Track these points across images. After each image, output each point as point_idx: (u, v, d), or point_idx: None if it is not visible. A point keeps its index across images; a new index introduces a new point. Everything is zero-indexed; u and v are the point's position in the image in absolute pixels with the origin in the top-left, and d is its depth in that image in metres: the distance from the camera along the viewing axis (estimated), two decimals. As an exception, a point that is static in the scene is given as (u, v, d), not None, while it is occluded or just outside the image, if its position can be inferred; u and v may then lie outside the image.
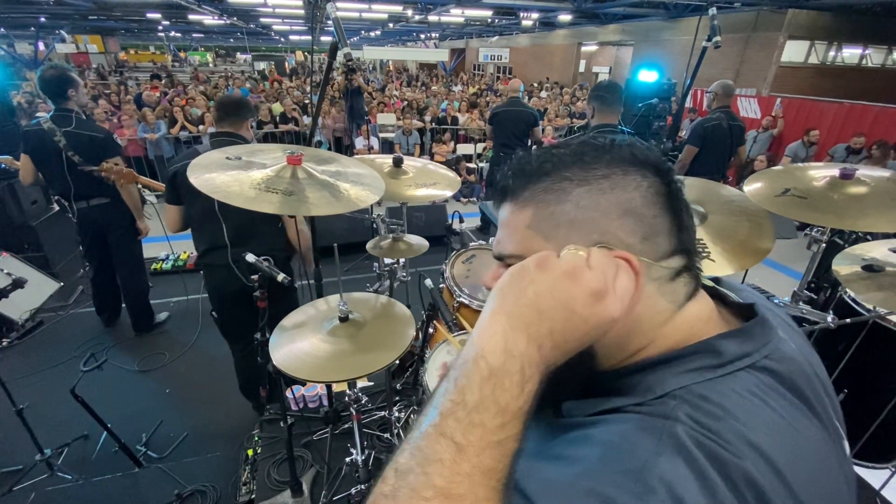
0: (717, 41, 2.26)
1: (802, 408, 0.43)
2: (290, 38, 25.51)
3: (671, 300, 0.47)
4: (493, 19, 15.14)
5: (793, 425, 0.41)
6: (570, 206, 0.47)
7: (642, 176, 0.47)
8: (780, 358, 0.45)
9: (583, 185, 0.47)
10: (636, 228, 0.46)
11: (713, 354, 0.44)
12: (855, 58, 12.14)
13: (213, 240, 1.93)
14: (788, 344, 0.47)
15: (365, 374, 1.23)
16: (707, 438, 0.37)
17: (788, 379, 0.44)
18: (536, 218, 0.48)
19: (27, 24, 15.22)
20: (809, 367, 0.48)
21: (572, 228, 0.46)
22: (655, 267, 0.46)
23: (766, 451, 0.37)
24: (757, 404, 0.40)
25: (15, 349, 3.02)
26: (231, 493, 1.91)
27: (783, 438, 0.39)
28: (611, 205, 0.46)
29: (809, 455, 0.41)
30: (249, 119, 2.07)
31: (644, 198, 0.47)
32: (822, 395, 0.47)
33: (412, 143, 7.46)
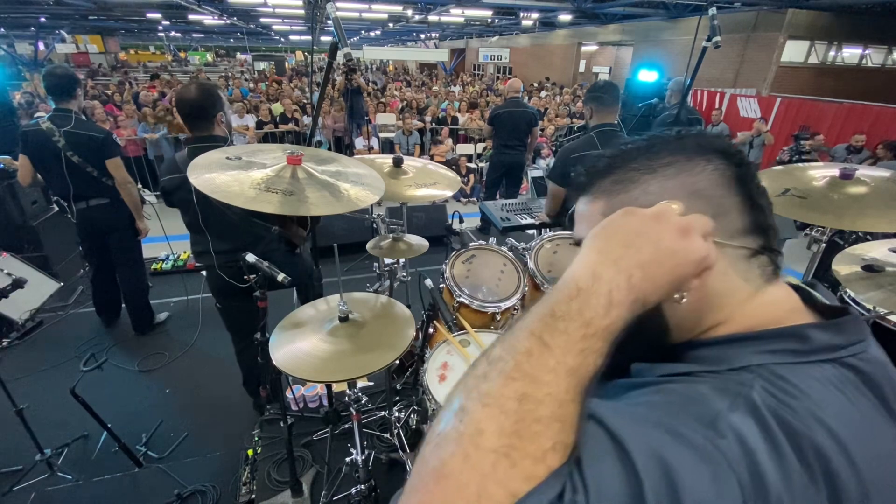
0: (716, 41, 2.26)
1: (883, 411, 0.42)
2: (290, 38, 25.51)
3: (746, 279, 0.48)
4: (493, 19, 15.14)
5: (869, 421, 0.41)
6: (638, 193, 0.50)
7: (707, 161, 0.49)
8: (868, 359, 0.44)
9: (649, 173, 0.51)
10: (704, 209, 0.46)
11: (799, 340, 0.44)
12: (855, 58, 12.14)
13: (204, 246, 1.95)
14: (878, 348, 0.46)
15: (365, 374, 1.23)
16: (780, 408, 0.38)
17: (874, 381, 0.43)
18: (609, 206, 0.51)
19: (27, 24, 15.22)
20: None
21: (630, 198, 0.50)
22: (728, 245, 0.47)
23: (837, 432, 0.37)
24: (835, 394, 0.40)
25: (15, 349, 3.02)
26: (231, 493, 1.91)
27: (856, 428, 0.39)
28: (677, 188, 0.49)
29: (881, 450, 0.40)
30: (218, 114, 1.84)
31: (710, 180, 0.49)
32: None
33: (412, 143, 7.46)
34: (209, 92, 1.84)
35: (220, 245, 1.93)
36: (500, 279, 1.88)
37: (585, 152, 2.38)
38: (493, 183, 5.09)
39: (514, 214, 2.94)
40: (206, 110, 1.82)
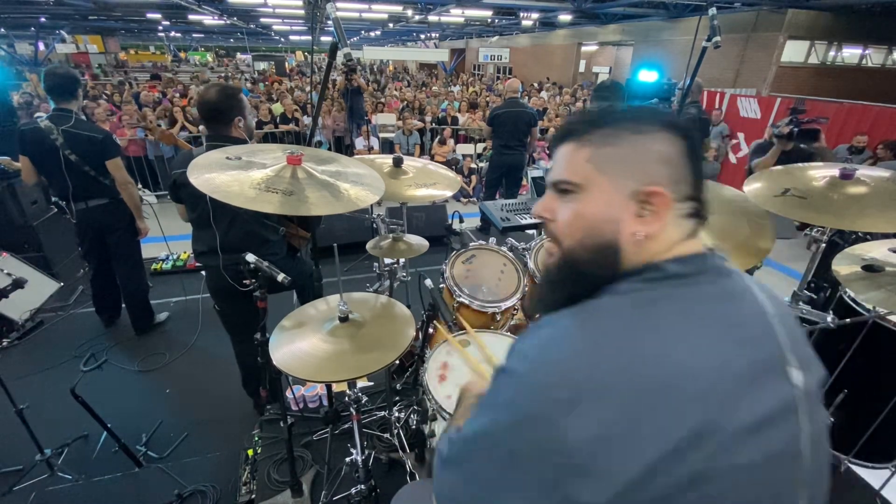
0: (716, 41, 2.26)
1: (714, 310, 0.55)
2: (290, 38, 25.51)
3: (680, 234, 0.60)
4: (493, 19, 15.15)
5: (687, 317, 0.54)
6: (624, 149, 0.60)
7: (677, 136, 0.60)
8: (700, 282, 0.57)
9: (636, 135, 0.60)
10: (669, 174, 0.59)
11: (657, 270, 0.58)
12: (855, 58, 12.14)
13: (209, 245, 1.94)
14: (730, 280, 0.59)
15: (365, 374, 1.23)
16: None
17: (692, 296, 0.56)
18: (595, 155, 0.61)
19: (27, 24, 15.22)
20: (768, 310, 0.58)
21: (623, 166, 0.60)
22: (677, 205, 0.59)
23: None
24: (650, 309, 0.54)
25: (15, 349, 3.02)
26: (231, 493, 1.91)
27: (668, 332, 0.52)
28: (653, 153, 0.59)
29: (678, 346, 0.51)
30: (236, 118, 1.87)
31: (677, 152, 0.59)
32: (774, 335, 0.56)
33: (412, 143, 7.46)
34: (228, 95, 1.86)
35: (228, 243, 1.92)
36: (500, 279, 1.88)
37: None
38: (493, 183, 5.09)
39: (514, 214, 2.93)
40: (223, 113, 1.84)
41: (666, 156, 0.59)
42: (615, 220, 0.60)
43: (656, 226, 0.58)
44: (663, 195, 0.57)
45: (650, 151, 0.59)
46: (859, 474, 1.84)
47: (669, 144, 0.59)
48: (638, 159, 0.59)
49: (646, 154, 0.59)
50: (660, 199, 0.57)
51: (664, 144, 0.59)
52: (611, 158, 0.60)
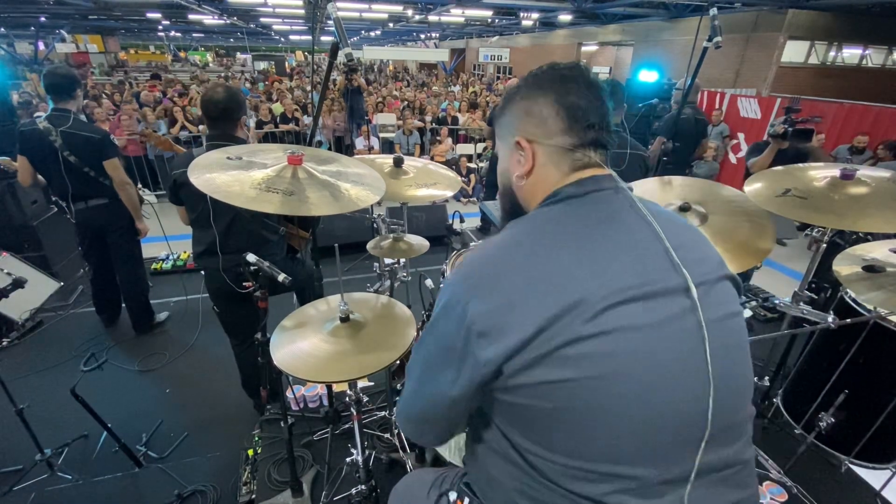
0: (717, 41, 2.26)
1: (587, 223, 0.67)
2: (290, 38, 25.50)
3: (558, 167, 0.73)
4: (493, 19, 15.14)
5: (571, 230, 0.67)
6: (504, 115, 0.79)
7: (541, 90, 0.74)
8: (581, 195, 0.71)
9: (511, 102, 0.78)
10: (535, 123, 0.74)
11: (554, 195, 0.72)
12: (855, 58, 12.14)
13: (209, 246, 1.94)
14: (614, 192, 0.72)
15: (366, 374, 1.23)
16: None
17: (575, 205, 0.70)
18: (496, 128, 0.84)
19: (27, 24, 15.22)
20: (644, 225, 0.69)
21: (504, 129, 0.79)
22: (544, 143, 0.73)
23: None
24: (551, 221, 0.70)
25: (15, 349, 3.02)
26: (231, 493, 1.91)
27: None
28: (520, 111, 0.76)
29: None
30: (242, 118, 1.91)
31: (539, 103, 0.73)
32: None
33: (412, 143, 7.45)
34: (233, 95, 1.89)
35: (228, 245, 1.92)
36: (501, 279, 1.88)
37: None
38: (493, 183, 5.09)
39: (514, 214, 2.94)
40: (232, 112, 1.87)
41: (528, 109, 0.74)
42: (508, 170, 0.80)
43: (528, 165, 0.74)
44: (523, 141, 0.74)
45: (517, 111, 0.76)
46: (860, 475, 1.84)
47: (534, 100, 0.73)
48: (511, 120, 0.77)
49: (514, 114, 0.76)
50: (523, 144, 0.74)
51: (529, 102, 0.74)
52: (502, 124, 0.80)
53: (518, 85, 0.77)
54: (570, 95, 0.71)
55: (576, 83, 0.72)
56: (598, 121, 0.72)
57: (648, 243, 0.65)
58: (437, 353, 0.69)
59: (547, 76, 0.74)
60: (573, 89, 0.71)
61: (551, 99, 0.72)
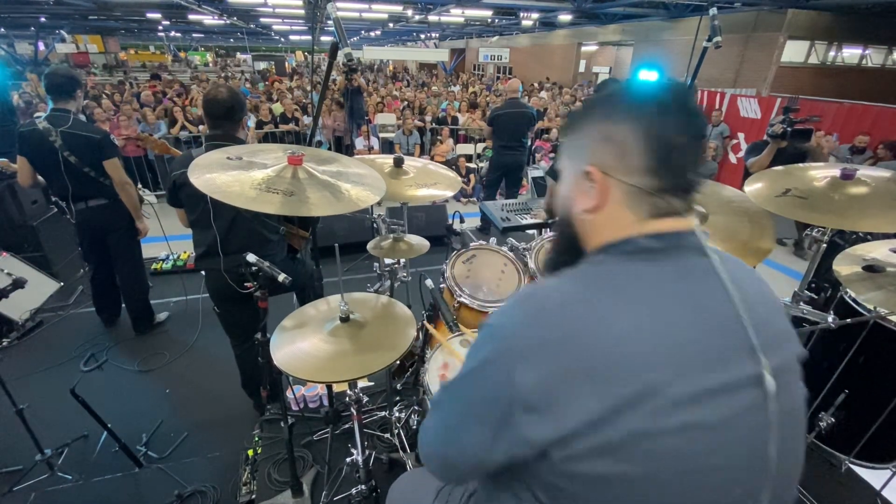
0: (717, 41, 2.26)
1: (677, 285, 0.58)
2: (290, 38, 25.50)
3: (633, 213, 0.62)
4: (493, 19, 15.14)
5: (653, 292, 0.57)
6: (579, 135, 0.66)
7: (629, 115, 0.61)
8: (662, 250, 0.60)
9: (588, 120, 0.65)
10: (614, 152, 0.61)
11: (627, 244, 0.61)
12: (855, 58, 12.14)
13: (209, 247, 1.94)
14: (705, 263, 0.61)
15: (366, 374, 1.23)
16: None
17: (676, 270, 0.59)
18: (566, 145, 0.70)
19: (27, 24, 15.22)
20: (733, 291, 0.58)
21: (576, 150, 0.66)
22: (620, 180, 0.61)
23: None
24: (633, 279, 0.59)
25: (15, 349, 3.02)
26: (231, 494, 1.91)
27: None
28: (598, 134, 0.63)
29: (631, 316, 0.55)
30: (244, 118, 1.94)
31: (621, 129, 0.60)
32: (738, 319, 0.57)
33: (412, 143, 7.45)
34: (236, 95, 1.91)
35: (229, 245, 1.92)
36: (501, 279, 1.88)
37: None
38: (493, 183, 5.09)
39: (514, 214, 2.93)
40: (235, 112, 1.89)
41: (608, 135, 0.62)
42: (571, 197, 0.68)
43: (596, 200, 0.63)
44: (595, 172, 0.62)
45: (593, 132, 0.63)
46: (860, 474, 1.84)
47: (617, 125, 0.61)
48: (585, 143, 0.65)
49: (589, 135, 0.64)
50: (595, 176, 0.62)
51: (611, 125, 0.62)
52: (571, 145, 0.68)
53: (597, 99, 0.66)
54: (667, 128, 0.58)
55: (675, 113, 0.59)
56: (692, 162, 0.61)
57: (727, 321, 0.56)
58: (473, 402, 0.60)
59: (639, 97, 0.61)
60: (670, 121, 0.59)
61: (641, 128, 0.59)
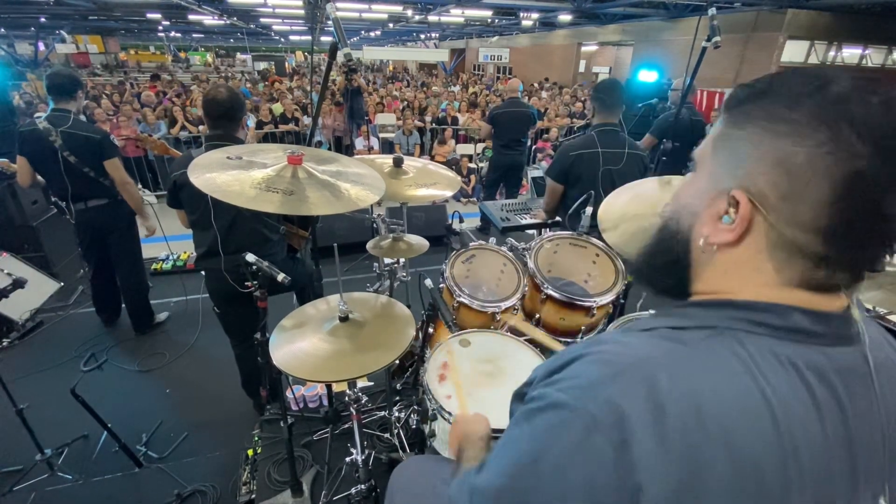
0: (716, 41, 2.26)
1: (823, 398, 0.44)
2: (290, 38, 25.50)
3: (777, 270, 0.46)
4: (493, 19, 15.14)
5: (768, 399, 0.42)
6: (744, 136, 0.47)
7: (831, 137, 0.41)
8: (835, 355, 0.46)
9: (770, 122, 0.45)
10: (779, 185, 0.44)
11: (774, 315, 0.45)
12: (855, 58, 12.14)
13: (210, 247, 1.94)
14: (863, 361, 0.46)
15: (365, 373, 1.23)
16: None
17: (828, 373, 0.44)
18: (721, 133, 0.50)
19: (27, 24, 15.22)
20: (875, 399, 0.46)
21: (732, 155, 0.48)
22: (775, 227, 0.45)
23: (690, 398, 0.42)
24: (779, 371, 0.44)
25: (15, 349, 3.02)
26: (231, 493, 1.91)
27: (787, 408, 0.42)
28: (772, 153, 0.44)
29: (762, 426, 0.42)
30: (243, 118, 1.96)
31: (811, 160, 0.42)
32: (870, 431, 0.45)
33: (412, 143, 7.46)
34: (235, 95, 1.93)
35: (229, 244, 1.93)
36: (500, 279, 1.88)
37: (584, 150, 2.37)
38: (493, 183, 5.10)
39: (514, 214, 2.94)
40: (235, 112, 1.91)
41: (787, 162, 0.43)
42: (696, 212, 0.52)
43: (729, 237, 0.47)
44: (743, 200, 0.45)
45: (769, 149, 0.44)
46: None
47: (806, 152, 0.42)
48: (749, 153, 0.46)
49: (762, 150, 0.45)
50: (742, 207, 0.45)
51: (796, 148, 0.42)
52: (727, 142, 0.49)
53: (799, 91, 0.44)
54: (880, 180, 0.40)
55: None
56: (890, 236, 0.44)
57: (873, 445, 0.46)
58: (541, 471, 0.45)
59: (851, 112, 0.41)
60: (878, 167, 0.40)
61: (843, 172, 0.40)
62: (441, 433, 1.33)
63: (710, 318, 0.47)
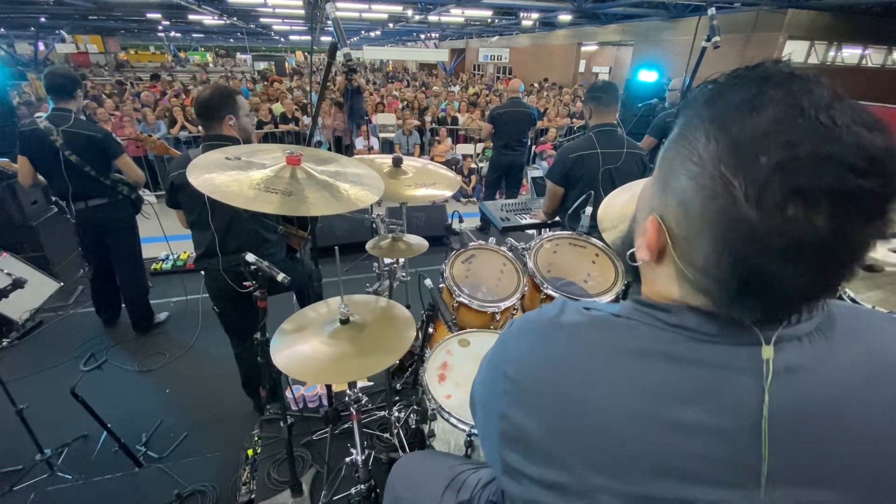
0: (716, 41, 2.26)
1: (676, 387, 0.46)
2: (290, 38, 25.50)
3: (683, 296, 0.49)
4: (493, 19, 15.14)
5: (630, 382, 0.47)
6: (678, 148, 0.45)
7: (723, 195, 0.39)
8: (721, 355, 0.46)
9: (686, 147, 0.43)
10: (681, 223, 0.45)
11: (667, 312, 0.49)
12: (855, 58, 12.14)
13: (208, 247, 1.94)
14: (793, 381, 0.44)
15: (366, 375, 1.23)
16: None
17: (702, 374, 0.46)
18: (671, 140, 0.48)
19: (27, 24, 15.22)
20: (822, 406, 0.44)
21: (666, 168, 0.47)
22: (676, 261, 0.47)
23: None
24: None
25: (15, 349, 3.02)
26: (231, 493, 1.91)
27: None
28: (679, 189, 0.44)
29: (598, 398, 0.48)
30: (226, 116, 1.87)
31: (703, 213, 0.41)
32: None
33: (412, 143, 7.46)
34: (220, 94, 1.90)
35: (227, 245, 1.93)
36: (500, 279, 1.88)
37: (583, 152, 2.37)
38: (493, 184, 5.09)
39: (514, 214, 2.94)
40: (213, 111, 1.87)
41: (686, 205, 0.43)
42: (636, 218, 0.55)
43: (644, 256, 0.50)
44: (654, 233, 0.48)
45: (679, 187, 0.44)
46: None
47: (701, 202, 0.41)
48: (668, 183, 0.46)
49: (675, 185, 0.44)
50: (650, 235, 0.49)
51: (693, 194, 0.42)
52: (664, 160, 0.48)
53: (714, 117, 0.42)
54: (766, 245, 0.38)
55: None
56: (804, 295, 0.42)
57: (738, 437, 0.45)
58: (481, 424, 0.63)
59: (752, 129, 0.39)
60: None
61: (730, 228, 0.40)
62: (441, 433, 1.33)
63: (625, 308, 0.53)
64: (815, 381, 0.45)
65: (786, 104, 0.38)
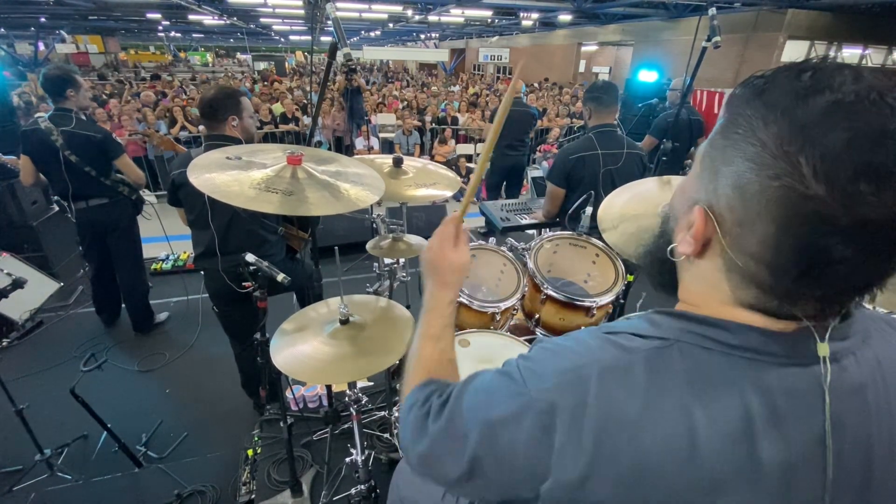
0: (716, 41, 2.26)
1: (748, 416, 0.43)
2: (290, 38, 25.50)
3: (733, 290, 0.46)
4: (493, 19, 15.14)
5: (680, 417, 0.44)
6: (728, 142, 0.43)
7: (787, 174, 0.38)
8: (791, 375, 0.44)
9: (741, 133, 0.41)
10: (733, 208, 0.43)
11: (727, 332, 0.46)
12: (855, 58, 12.14)
13: (208, 246, 1.94)
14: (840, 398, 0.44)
15: (365, 375, 1.23)
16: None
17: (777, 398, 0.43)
18: (714, 136, 0.46)
19: (27, 24, 15.21)
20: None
21: (713, 163, 0.45)
22: (726, 251, 0.44)
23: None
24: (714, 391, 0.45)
25: (15, 349, 3.02)
26: (231, 493, 1.91)
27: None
28: (735, 172, 0.42)
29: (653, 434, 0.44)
30: (229, 117, 1.89)
31: (763, 193, 0.39)
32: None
33: (412, 143, 7.46)
34: (224, 94, 1.91)
35: (227, 245, 1.93)
36: (500, 279, 1.88)
37: (584, 153, 2.37)
38: (495, 186, 5.09)
39: (514, 214, 2.94)
40: (216, 111, 1.88)
41: (744, 188, 0.41)
42: (676, 216, 0.53)
43: (688, 250, 0.48)
44: (702, 222, 0.46)
45: (735, 170, 0.42)
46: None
47: (761, 182, 0.39)
48: (721, 169, 0.44)
49: (730, 169, 0.42)
50: (698, 225, 0.46)
51: (753, 176, 0.40)
52: (712, 150, 0.46)
53: (768, 103, 0.40)
54: (832, 225, 0.37)
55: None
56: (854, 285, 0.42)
57: (808, 465, 0.44)
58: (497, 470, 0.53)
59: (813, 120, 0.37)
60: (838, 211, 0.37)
61: (793, 206, 0.38)
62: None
63: (671, 329, 0.49)
64: (873, 397, 0.45)
65: (846, 89, 0.37)
